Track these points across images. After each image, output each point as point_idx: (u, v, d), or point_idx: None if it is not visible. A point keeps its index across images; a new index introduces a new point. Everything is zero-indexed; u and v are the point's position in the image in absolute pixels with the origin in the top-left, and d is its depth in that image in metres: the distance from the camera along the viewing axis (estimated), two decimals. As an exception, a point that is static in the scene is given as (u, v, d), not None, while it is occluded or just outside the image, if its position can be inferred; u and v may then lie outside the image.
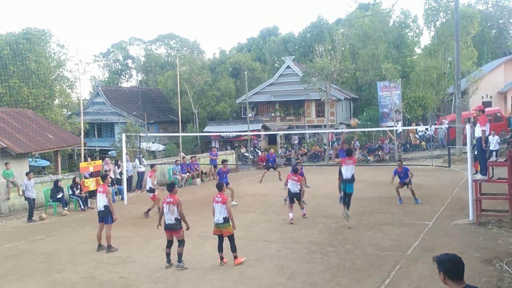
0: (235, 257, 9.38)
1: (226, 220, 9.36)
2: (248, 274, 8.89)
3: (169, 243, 9.58)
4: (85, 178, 18.33)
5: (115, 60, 62.81)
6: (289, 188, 13.15)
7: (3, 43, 30.74)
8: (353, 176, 12.39)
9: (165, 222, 9.55)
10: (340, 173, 13.03)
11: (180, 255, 9.40)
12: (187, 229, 9.65)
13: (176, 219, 9.40)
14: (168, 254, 9.59)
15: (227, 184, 17.15)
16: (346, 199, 12.38)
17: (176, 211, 9.40)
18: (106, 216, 11.01)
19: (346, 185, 12.36)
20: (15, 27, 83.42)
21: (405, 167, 15.66)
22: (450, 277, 3.78)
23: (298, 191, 13.14)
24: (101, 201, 11.07)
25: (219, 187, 9.80)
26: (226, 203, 9.41)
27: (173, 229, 9.45)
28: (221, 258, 9.43)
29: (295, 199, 13.09)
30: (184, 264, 9.38)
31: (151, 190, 15.37)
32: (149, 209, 15.09)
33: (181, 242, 9.47)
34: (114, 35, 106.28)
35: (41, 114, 28.20)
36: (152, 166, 16.62)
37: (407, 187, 15.02)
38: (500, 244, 9.96)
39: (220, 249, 9.45)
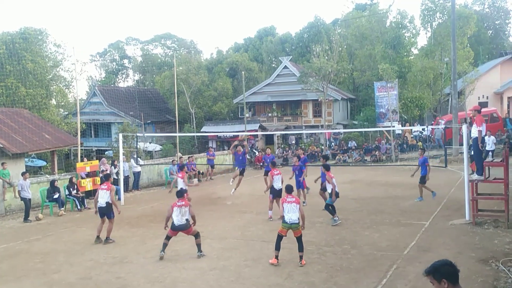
0: (302, 257, 9.27)
1: (298, 220, 9.39)
2: (245, 274, 8.89)
3: (169, 238, 10.23)
4: (82, 178, 18.28)
5: (112, 60, 62.67)
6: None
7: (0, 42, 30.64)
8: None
9: (173, 224, 10.11)
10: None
11: (199, 245, 10.16)
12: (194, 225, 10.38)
13: (186, 219, 10.09)
14: (165, 245, 10.17)
15: None
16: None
17: (188, 212, 10.13)
18: (108, 212, 11.67)
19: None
20: (11, 27, 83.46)
21: (425, 157, 15.82)
22: (453, 281, 3.61)
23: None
24: (103, 197, 11.67)
25: (289, 190, 9.78)
26: (300, 203, 9.54)
27: (185, 228, 10.14)
28: (277, 257, 9.36)
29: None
30: (203, 252, 10.12)
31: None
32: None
33: (197, 235, 10.20)
34: (111, 34, 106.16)
35: (37, 114, 28.10)
36: (182, 168, 16.10)
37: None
38: (496, 244, 10.00)
39: (278, 247, 9.36)
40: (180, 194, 10.59)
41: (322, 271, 8.85)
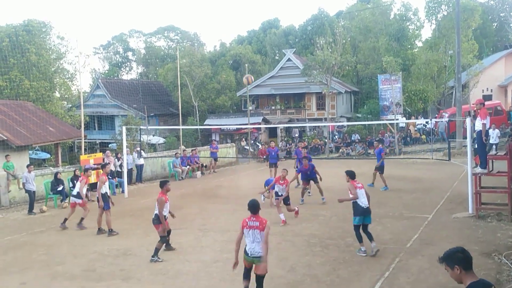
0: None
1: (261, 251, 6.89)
2: (248, 267, 8.90)
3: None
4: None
5: (115, 52, 62.58)
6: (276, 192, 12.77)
7: (3, 35, 30.62)
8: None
9: None
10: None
11: (156, 249, 9.53)
12: (163, 229, 9.67)
13: (156, 214, 9.72)
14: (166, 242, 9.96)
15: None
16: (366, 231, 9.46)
17: (156, 207, 9.68)
18: (102, 202, 11.81)
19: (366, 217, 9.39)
20: (15, 19, 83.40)
21: (381, 148, 17.39)
22: (465, 268, 3.70)
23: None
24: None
25: (254, 208, 7.06)
26: (265, 229, 6.85)
27: (152, 223, 9.83)
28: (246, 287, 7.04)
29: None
30: (158, 259, 9.42)
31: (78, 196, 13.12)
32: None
33: (161, 238, 9.66)
34: (114, 27, 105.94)
35: (41, 106, 28.15)
36: (86, 170, 14.09)
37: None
38: (499, 237, 10.00)
39: (247, 276, 7.07)
40: (160, 184, 10.01)
41: (325, 264, 8.88)
